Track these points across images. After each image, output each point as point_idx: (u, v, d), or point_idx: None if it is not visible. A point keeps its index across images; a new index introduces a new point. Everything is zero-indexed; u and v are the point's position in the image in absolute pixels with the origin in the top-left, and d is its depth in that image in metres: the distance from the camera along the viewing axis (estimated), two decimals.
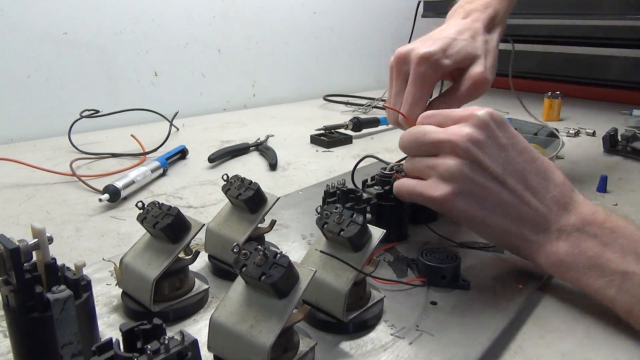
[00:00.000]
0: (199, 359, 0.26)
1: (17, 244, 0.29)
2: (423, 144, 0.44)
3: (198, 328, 0.38)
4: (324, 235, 0.39)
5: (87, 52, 1.06)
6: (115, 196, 0.64)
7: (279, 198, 0.46)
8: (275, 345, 0.30)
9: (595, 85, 1.47)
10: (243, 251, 0.32)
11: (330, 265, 0.37)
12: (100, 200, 0.63)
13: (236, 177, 0.45)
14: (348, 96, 1.42)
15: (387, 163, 0.57)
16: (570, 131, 1.03)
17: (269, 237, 0.51)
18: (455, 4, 0.63)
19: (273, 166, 0.82)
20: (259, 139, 0.96)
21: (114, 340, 0.25)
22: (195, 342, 0.25)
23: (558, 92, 1.17)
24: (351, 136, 1.00)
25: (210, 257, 0.47)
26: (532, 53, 1.58)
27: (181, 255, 0.40)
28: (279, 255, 0.31)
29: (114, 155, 0.87)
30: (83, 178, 0.72)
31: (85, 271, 0.33)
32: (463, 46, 0.54)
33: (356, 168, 0.59)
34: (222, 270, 0.46)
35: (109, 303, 0.41)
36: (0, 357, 0.34)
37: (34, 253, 0.30)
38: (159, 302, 0.39)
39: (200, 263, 0.47)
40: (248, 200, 0.43)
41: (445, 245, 0.50)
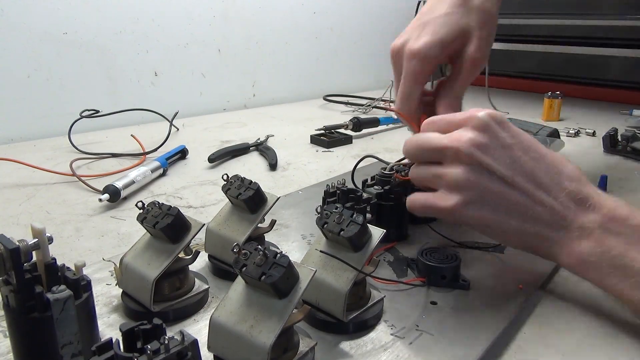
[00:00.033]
0: (199, 359, 0.26)
1: (17, 244, 0.29)
2: (426, 151, 0.44)
3: (198, 328, 0.38)
4: (324, 235, 0.39)
5: (87, 52, 1.06)
6: (115, 196, 0.64)
7: (279, 198, 0.46)
8: (275, 345, 0.30)
9: (595, 85, 1.47)
10: (243, 251, 0.32)
11: (330, 265, 0.37)
12: (100, 200, 0.63)
13: (236, 177, 0.45)
14: (348, 96, 1.41)
15: (387, 163, 0.57)
16: (570, 131, 1.03)
17: (269, 237, 0.51)
18: None
19: (273, 166, 0.82)
20: (259, 139, 0.96)
21: (114, 340, 0.25)
22: (195, 342, 0.25)
23: (558, 92, 1.17)
24: (351, 136, 1.00)
25: (210, 257, 0.47)
26: (532, 53, 1.57)
27: (181, 255, 0.40)
28: (279, 255, 0.31)
29: (114, 155, 0.87)
30: (83, 178, 0.72)
31: (85, 271, 0.33)
32: (454, 23, 0.52)
33: (356, 168, 0.59)
34: (222, 270, 0.46)
35: (109, 303, 0.41)
36: (0, 357, 0.34)
37: (34, 253, 0.30)
38: (159, 302, 0.39)
39: (200, 263, 0.47)
40: (248, 200, 0.43)
41: (445, 245, 0.50)
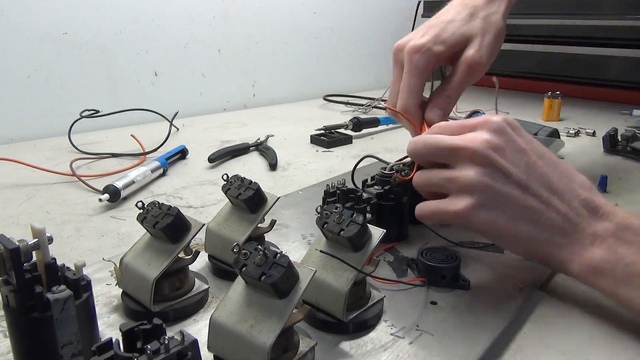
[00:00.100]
0: (199, 359, 0.26)
1: (17, 244, 0.29)
2: (437, 152, 0.43)
3: (198, 328, 0.38)
4: (324, 235, 0.39)
5: (87, 52, 1.06)
6: (115, 196, 0.64)
7: (279, 198, 0.46)
8: (275, 345, 0.30)
9: (595, 85, 1.47)
10: (243, 251, 0.31)
11: (330, 265, 0.37)
12: (100, 200, 0.63)
13: (236, 177, 0.45)
14: (348, 96, 1.41)
15: (387, 163, 0.57)
16: (570, 131, 1.03)
17: (269, 237, 0.51)
18: None
19: (273, 166, 0.82)
20: (259, 139, 0.96)
21: (114, 340, 0.25)
22: (195, 342, 0.25)
23: (558, 92, 1.17)
24: (351, 136, 1.00)
25: (210, 257, 0.47)
26: (532, 53, 1.57)
27: (181, 255, 0.40)
28: (279, 255, 0.31)
29: (114, 155, 0.87)
30: (83, 178, 0.72)
31: (85, 271, 0.33)
32: (457, 28, 0.53)
33: (356, 168, 0.59)
34: (222, 270, 0.46)
35: (109, 303, 0.41)
36: (0, 357, 0.34)
37: (34, 253, 0.30)
38: (159, 302, 0.39)
39: (200, 263, 0.47)
40: (248, 200, 0.43)
41: (445, 245, 0.50)
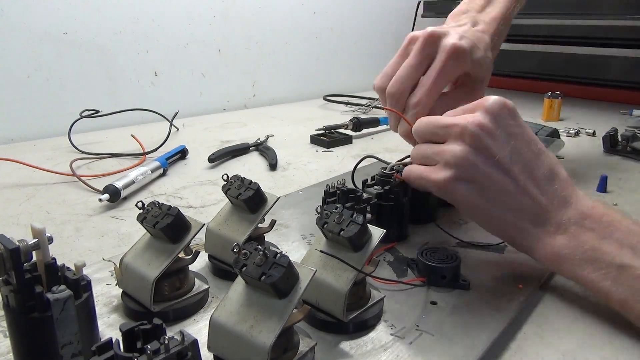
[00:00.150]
0: (199, 359, 0.26)
1: (17, 244, 0.29)
2: (434, 128, 0.45)
3: (198, 328, 0.38)
4: (324, 235, 0.39)
5: (87, 52, 1.06)
6: (115, 196, 0.64)
7: (279, 198, 0.46)
8: (275, 345, 0.30)
9: (595, 85, 1.47)
10: (243, 251, 0.31)
11: (330, 265, 0.37)
12: (100, 200, 0.63)
13: (236, 177, 0.45)
14: (348, 96, 1.42)
15: (387, 163, 0.57)
16: (570, 131, 1.03)
17: (269, 237, 0.51)
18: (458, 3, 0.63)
19: (273, 166, 0.82)
20: (259, 139, 0.96)
21: (114, 340, 0.25)
22: (195, 342, 0.25)
23: (558, 92, 1.17)
24: (351, 136, 1.00)
25: (210, 257, 0.47)
26: (532, 53, 1.57)
27: (181, 255, 0.40)
28: (279, 255, 0.31)
29: (114, 155, 0.87)
30: (83, 178, 0.72)
31: (85, 271, 0.33)
32: (482, 55, 0.55)
33: (356, 168, 0.58)
34: (222, 270, 0.46)
35: (109, 303, 0.41)
36: (0, 357, 0.34)
37: (34, 253, 0.30)
38: (159, 302, 0.39)
39: (200, 263, 0.47)
40: (248, 200, 0.43)
41: (445, 245, 0.50)
